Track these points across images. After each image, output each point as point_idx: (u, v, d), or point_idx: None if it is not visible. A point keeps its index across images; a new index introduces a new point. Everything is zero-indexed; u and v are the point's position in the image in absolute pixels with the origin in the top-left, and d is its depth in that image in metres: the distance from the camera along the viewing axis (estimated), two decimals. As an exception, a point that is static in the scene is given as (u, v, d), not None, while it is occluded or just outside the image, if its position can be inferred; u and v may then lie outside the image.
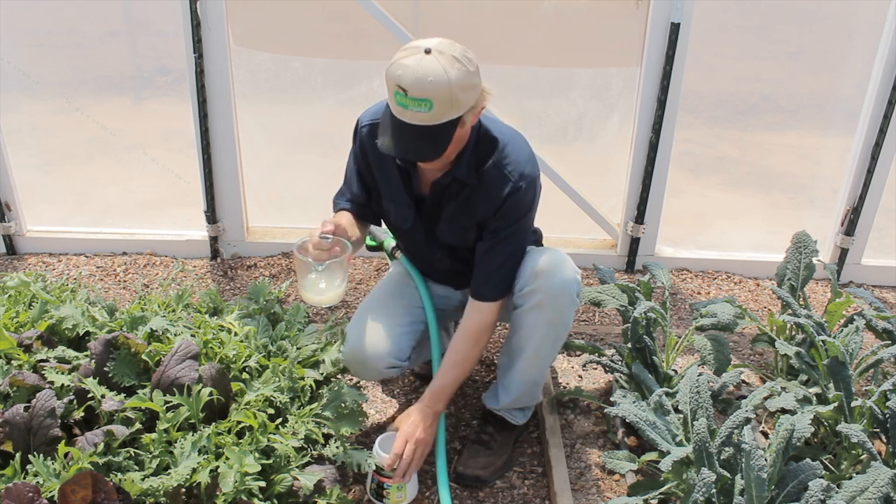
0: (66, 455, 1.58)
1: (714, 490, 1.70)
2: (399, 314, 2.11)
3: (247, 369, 1.94)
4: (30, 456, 1.56)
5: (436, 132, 1.69)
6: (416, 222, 2.02)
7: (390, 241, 2.22)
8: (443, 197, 1.96)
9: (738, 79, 3.22)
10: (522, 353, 2.01)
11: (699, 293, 3.17)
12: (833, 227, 3.24)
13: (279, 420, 1.81)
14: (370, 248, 2.21)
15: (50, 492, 1.50)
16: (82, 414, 1.75)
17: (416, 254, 2.17)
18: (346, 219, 2.00)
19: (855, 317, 2.29)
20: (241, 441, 1.71)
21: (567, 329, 2.00)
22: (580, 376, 2.55)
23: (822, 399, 2.08)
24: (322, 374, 1.99)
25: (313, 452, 1.81)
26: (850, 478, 1.69)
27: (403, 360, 2.07)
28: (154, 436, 1.67)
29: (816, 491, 1.60)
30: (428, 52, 1.65)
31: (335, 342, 2.10)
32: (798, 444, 1.76)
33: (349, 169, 2.09)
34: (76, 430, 1.75)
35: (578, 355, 2.61)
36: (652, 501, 1.86)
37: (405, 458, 1.91)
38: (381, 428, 2.30)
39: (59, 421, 1.67)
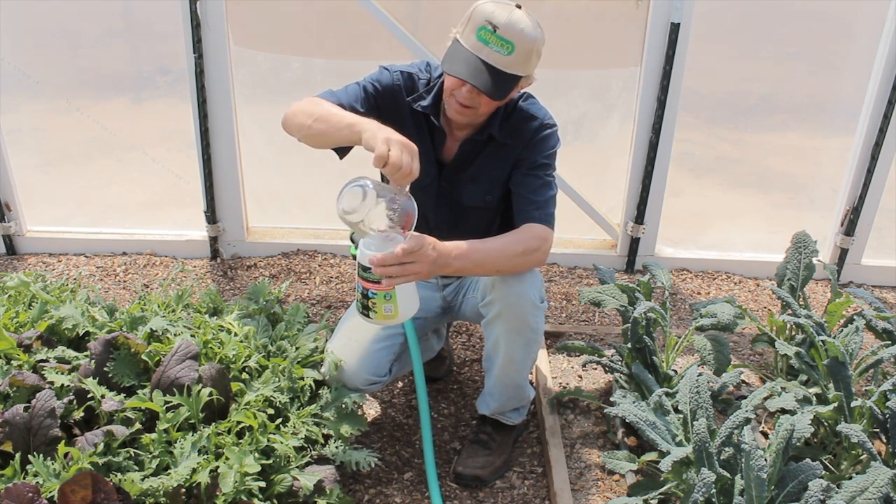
0: (66, 455, 1.58)
1: (714, 490, 1.70)
2: (376, 329, 2.05)
3: (247, 369, 1.94)
4: (30, 456, 1.56)
5: (502, 78, 1.76)
6: (434, 181, 2.02)
7: None
8: (469, 156, 1.98)
9: (738, 79, 3.22)
10: (497, 360, 2.01)
11: (699, 293, 3.17)
12: (833, 227, 3.24)
13: (279, 420, 1.81)
14: (355, 257, 2.18)
15: (50, 492, 1.50)
16: (82, 414, 1.75)
17: (418, 226, 2.13)
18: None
19: (855, 317, 2.29)
20: (241, 441, 1.71)
21: (538, 333, 1.97)
22: (580, 376, 2.55)
23: (822, 399, 2.08)
24: (322, 374, 1.99)
25: (313, 452, 1.82)
26: (850, 478, 1.68)
27: (382, 376, 2.04)
28: (154, 436, 1.67)
29: (816, 491, 1.60)
30: (519, 7, 1.76)
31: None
32: (798, 444, 1.76)
33: (356, 88, 1.93)
34: (76, 430, 1.75)
35: (578, 355, 2.61)
36: (652, 501, 1.86)
37: (405, 251, 1.62)
38: (381, 428, 2.30)
39: (59, 421, 1.67)
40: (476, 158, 1.98)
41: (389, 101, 1.95)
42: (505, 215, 2.03)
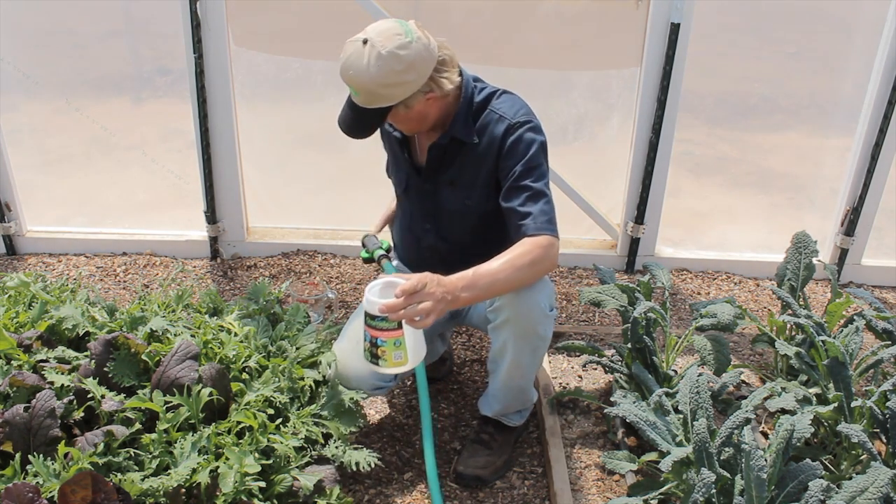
0: (66, 455, 1.58)
1: (714, 490, 1.70)
2: None
3: (247, 369, 1.94)
4: (30, 456, 1.56)
5: (365, 113, 1.82)
6: (411, 186, 2.08)
7: (379, 251, 2.18)
8: (442, 159, 1.98)
9: (738, 79, 3.22)
10: (503, 364, 2.00)
11: (699, 293, 3.17)
12: (833, 228, 3.24)
13: (279, 420, 1.81)
14: (365, 261, 2.20)
15: (50, 492, 1.50)
16: (82, 414, 1.75)
17: (410, 227, 2.17)
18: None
19: (855, 317, 2.29)
20: (241, 441, 1.71)
21: (545, 341, 1.96)
22: (580, 376, 2.55)
23: (822, 399, 2.08)
24: (321, 374, 1.99)
25: (313, 452, 1.82)
26: (850, 478, 1.68)
27: (388, 381, 2.04)
28: (154, 436, 1.67)
29: (816, 491, 1.60)
30: (365, 42, 1.74)
31: (334, 342, 2.10)
32: (798, 444, 1.76)
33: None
34: (76, 431, 1.75)
35: (578, 355, 2.61)
36: (652, 502, 1.86)
37: (413, 293, 1.61)
38: (381, 428, 2.31)
39: (59, 421, 1.67)
40: (452, 163, 1.98)
41: (383, 138, 2.15)
42: (497, 220, 1.98)
